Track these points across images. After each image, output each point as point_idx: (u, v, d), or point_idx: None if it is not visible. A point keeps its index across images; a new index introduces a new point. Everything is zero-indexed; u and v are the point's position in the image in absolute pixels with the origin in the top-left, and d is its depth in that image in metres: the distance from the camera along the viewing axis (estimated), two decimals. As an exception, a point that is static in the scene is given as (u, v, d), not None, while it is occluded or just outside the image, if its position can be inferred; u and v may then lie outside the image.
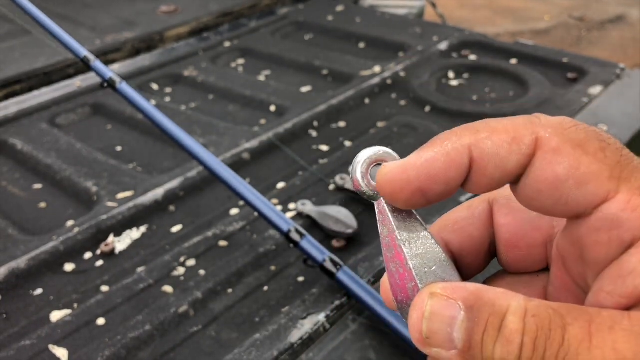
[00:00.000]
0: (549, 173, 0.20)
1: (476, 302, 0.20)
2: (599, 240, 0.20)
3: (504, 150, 0.21)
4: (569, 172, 0.20)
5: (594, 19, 3.43)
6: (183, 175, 0.81)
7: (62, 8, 1.36)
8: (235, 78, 1.12)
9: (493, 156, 0.21)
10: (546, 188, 0.21)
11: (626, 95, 0.98)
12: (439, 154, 0.22)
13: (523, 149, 0.21)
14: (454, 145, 0.21)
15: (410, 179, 0.22)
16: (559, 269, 0.24)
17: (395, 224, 0.23)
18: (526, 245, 0.25)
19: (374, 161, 0.23)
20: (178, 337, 0.58)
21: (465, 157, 0.21)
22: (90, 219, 0.73)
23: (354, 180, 0.23)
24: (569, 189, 0.20)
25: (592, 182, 0.20)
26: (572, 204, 0.21)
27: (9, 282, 0.65)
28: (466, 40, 1.20)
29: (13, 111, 1.00)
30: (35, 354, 0.57)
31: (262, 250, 0.68)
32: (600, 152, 0.20)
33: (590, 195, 0.20)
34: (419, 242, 0.23)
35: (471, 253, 0.26)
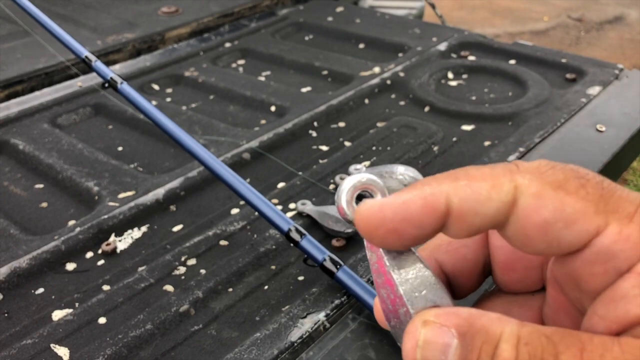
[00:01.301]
0: (536, 218, 0.21)
1: (469, 329, 0.20)
2: (594, 272, 0.21)
3: (483, 198, 0.21)
4: (555, 215, 0.20)
5: (592, 19, 3.43)
6: (184, 175, 0.81)
7: (63, 9, 1.37)
8: (235, 78, 1.12)
9: (472, 203, 0.21)
10: (535, 233, 0.21)
11: (625, 96, 0.99)
12: (416, 197, 0.22)
13: (502, 196, 0.21)
14: (433, 190, 0.22)
15: (385, 219, 0.22)
16: (555, 291, 0.24)
17: (383, 250, 0.23)
18: (522, 268, 0.25)
19: (359, 189, 0.23)
20: (179, 336, 0.59)
21: (442, 203, 0.21)
22: (91, 218, 0.73)
23: (339, 207, 0.23)
24: (558, 230, 0.20)
25: (580, 220, 0.20)
26: (564, 244, 0.21)
27: (11, 282, 0.66)
28: (465, 41, 1.21)
29: (14, 111, 1.01)
30: (36, 353, 0.57)
31: (262, 250, 0.68)
32: (581, 189, 0.20)
33: (581, 233, 0.20)
34: (408, 267, 0.22)
35: (465, 274, 0.26)
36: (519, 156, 0.83)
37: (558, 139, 0.87)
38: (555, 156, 0.84)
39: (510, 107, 0.96)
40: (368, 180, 0.23)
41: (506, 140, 0.87)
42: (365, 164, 0.83)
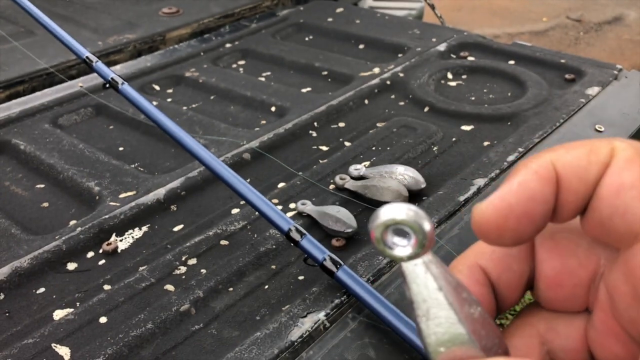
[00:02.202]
0: (615, 179, 0.20)
1: None
2: None
3: (584, 161, 0.20)
4: (634, 182, 0.19)
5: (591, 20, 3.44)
6: (184, 175, 0.81)
7: (64, 10, 1.37)
8: (236, 79, 1.12)
9: (575, 168, 0.20)
10: (608, 195, 0.20)
11: (623, 96, 0.99)
12: (529, 174, 0.21)
13: (601, 157, 0.20)
14: (538, 163, 0.21)
15: (511, 206, 0.21)
16: (604, 313, 0.22)
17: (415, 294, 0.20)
18: (570, 284, 0.23)
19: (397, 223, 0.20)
20: (179, 335, 0.59)
21: (552, 171, 0.21)
22: (92, 218, 0.74)
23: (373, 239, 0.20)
24: (630, 198, 0.19)
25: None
26: (629, 216, 0.19)
27: (12, 281, 0.66)
28: (464, 41, 1.21)
29: (16, 111, 1.01)
30: (37, 352, 0.57)
31: (262, 249, 0.68)
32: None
33: None
34: (439, 319, 0.20)
35: (508, 285, 0.24)
36: (518, 156, 0.83)
37: (557, 139, 0.88)
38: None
39: (510, 107, 0.96)
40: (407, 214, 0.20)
41: (505, 140, 0.87)
42: (365, 164, 0.84)
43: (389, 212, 0.20)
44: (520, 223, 0.21)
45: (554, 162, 0.21)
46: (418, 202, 0.75)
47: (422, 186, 0.76)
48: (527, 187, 0.21)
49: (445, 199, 0.74)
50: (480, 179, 0.78)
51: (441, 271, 0.21)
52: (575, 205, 0.21)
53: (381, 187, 0.74)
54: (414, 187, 0.76)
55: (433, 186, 0.78)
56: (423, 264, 0.20)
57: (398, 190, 0.74)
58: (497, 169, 0.80)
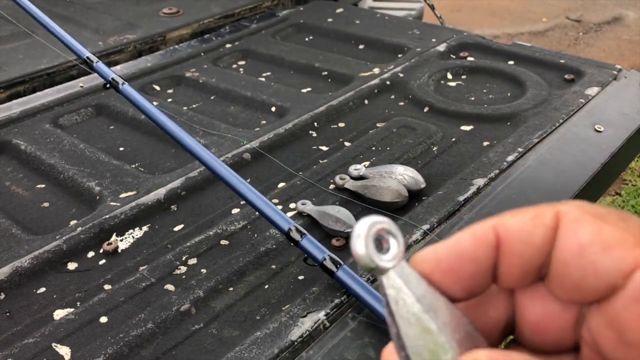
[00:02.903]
0: (573, 240, 0.20)
1: None
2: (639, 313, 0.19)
3: (528, 225, 0.21)
4: (592, 238, 0.20)
5: (591, 20, 3.44)
6: (185, 175, 0.81)
7: (65, 10, 1.37)
8: (236, 79, 1.12)
9: (518, 231, 0.21)
10: (572, 257, 0.20)
11: (623, 96, 0.99)
12: (466, 234, 0.22)
13: (546, 221, 0.21)
14: (479, 226, 0.22)
15: (440, 259, 0.22)
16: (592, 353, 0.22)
17: (392, 306, 0.21)
18: (556, 329, 0.22)
19: (374, 235, 0.21)
20: (180, 335, 0.59)
21: (491, 235, 0.21)
22: (93, 218, 0.74)
23: (355, 255, 0.21)
24: (595, 254, 0.20)
25: (618, 248, 0.19)
26: (600, 272, 0.19)
27: (13, 281, 0.66)
28: (464, 41, 1.21)
29: (17, 112, 1.01)
30: (38, 352, 0.57)
31: (262, 249, 0.68)
32: (621, 222, 0.20)
33: (619, 262, 0.19)
34: (419, 330, 0.21)
35: (484, 331, 0.24)
36: (517, 156, 0.83)
37: (556, 139, 0.88)
38: (553, 156, 0.84)
39: (509, 107, 0.97)
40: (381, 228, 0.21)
41: (505, 140, 0.87)
42: (365, 164, 0.84)
43: (371, 227, 0.21)
44: (445, 278, 0.22)
45: (496, 226, 0.21)
46: (418, 202, 0.75)
47: (422, 186, 0.76)
48: (459, 246, 0.22)
49: (444, 199, 0.74)
50: (480, 179, 0.78)
51: (419, 277, 0.21)
52: (521, 269, 0.21)
53: (381, 187, 0.74)
54: (414, 187, 0.76)
55: (433, 186, 0.78)
56: (400, 269, 0.21)
57: (398, 190, 0.74)
58: (496, 169, 0.80)
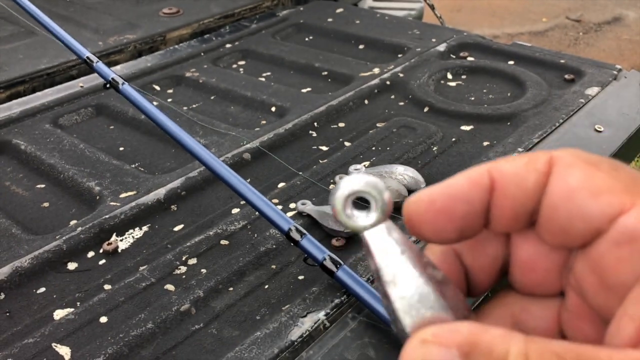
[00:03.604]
0: (563, 184, 0.21)
1: (472, 349, 0.19)
2: (621, 256, 0.19)
3: (522, 170, 0.21)
4: (582, 183, 0.20)
5: (591, 20, 3.44)
6: (185, 175, 0.81)
7: (65, 10, 1.37)
8: (236, 79, 1.12)
9: (512, 175, 0.22)
10: (560, 201, 0.21)
11: (623, 97, 0.99)
12: (460, 177, 0.22)
13: (539, 166, 0.21)
14: (475, 169, 0.22)
15: (434, 200, 0.22)
16: (576, 296, 0.23)
17: (379, 261, 0.21)
18: (543, 270, 0.23)
19: (356, 193, 0.22)
20: (180, 335, 0.59)
21: (486, 177, 0.22)
22: (93, 218, 0.74)
23: (334, 211, 0.22)
24: (582, 199, 0.20)
25: (606, 194, 0.20)
26: (587, 216, 0.20)
27: (13, 281, 0.66)
28: (464, 41, 1.21)
29: (17, 112, 1.01)
30: (38, 352, 0.57)
31: (262, 249, 0.69)
32: (613, 170, 0.20)
33: (605, 206, 0.20)
34: (406, 281, 0.21)
35: (482, 269, 0.24)
36: (517, 156, 0.83)
37: (556, 139, 0.88)
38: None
39: (509, 107, 0.97)
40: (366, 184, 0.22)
41: (505, 140, 0.87)
42: (365, 164, 0.84)
43: (348, 184, 0.21)
44: (438, 218, 0.22)
45: (490, 170, 0.22)
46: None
47: (422, 186, 0.76)
48: (453, 187, 0.22)
49: (445, 199, 0.74)
50: (480, 179, 0.78)
51: (401, 237, 0.22)
52: (513, 212, 0.22)
53: (381, 187, 0.74)
54: (414, 187, 0.76)
55: (433, 186, 0.78)
56: (385, 230, 0.22)
57: (398, 190, 0.74)
58: (496, 169, 0.80)
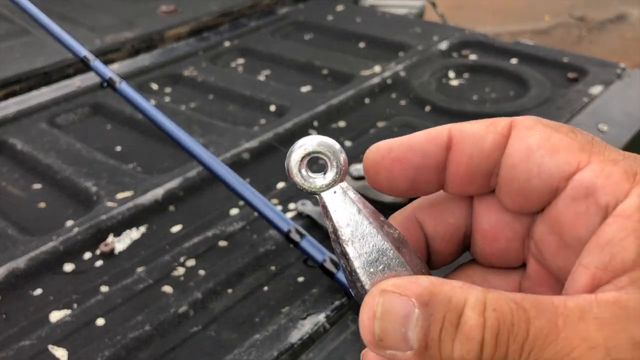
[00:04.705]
0: (522, 144, 0.21)
1: (431, 299, 0.19)
2: (577, 210, 0.20)
3: (481, 131, 0.22)
4: (540, 143, 0.21)
5: (594, 18, 3.43)
6: (183, 175, 0.81)
7: (62, 8, 1.36)
8: (235, 78, 1.12)
9: (470, 135, 0.22)
10: (519, 160, 0.21)
11: (627, 95, 0.98)
12: (421, 132, 0.23)
13: (499, 129, 0.22)
14: (436, 127, 0.23)
15: (392, 149, 0.23)
16: (536, 263, 0.23)
17: (337, 220, 0.22)
18: (505, 238, 0.24)
19: (311, 153, 0.22)
20: (178, 338, 0.58)
21: (444, 135, 0.22)
22: (89, 219, 0.73)
23: (290, 172, 0.22)
24: (541, 157, 0.21)
25: (563, 152, 0.21)
26: (545, 174, 0.21)
27: (9, 282, 0.65)
28: (466, 40, 1.20)
29: (12, 111, 1.00)
30: (34, 354, 0.57)
31: (262, 251, 0.68)
32: (571, 132, 0.21)
33: (563, 164, 0.20)
34: (364, 239, 0.21)
35: (444, 239, 0.25)
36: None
37: (560, 138, 0.87)
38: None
39: (512, 106, 0.96)
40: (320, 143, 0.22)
41: (507, 139, 0.87)
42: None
43: (302, 145, 0.22)
44: (394, 166, 0.23)
45: (451, 128, 0.23)
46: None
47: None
48: (411, 139, 0.23)
49: (446, 199, 0.74)
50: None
51: (358, 197, 0.22)
52: (468, 170, 0.22)
53: (382, 187, 0.73)
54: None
55: (434, 186, 0.77)
56: (341, 190, 0.22)
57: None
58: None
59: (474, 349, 0.18)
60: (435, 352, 0.19)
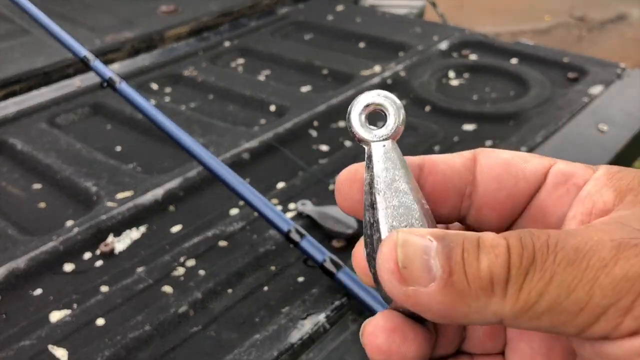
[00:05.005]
0: (496, 160, 0.24)
1: (446, 233, 0.19)
2: (559, 194, 0.23)
3: (449, 157, 0.24)
4: (512, 155, 0.24)
5: (594, 18, 3.43)
6: (183, 175, 0.81)
7: (62, 7, 1.36)
8: (235, 78, 1.12)
9: (441, 158, 0.24)
10: (502, 170, 0.24)
11: (627, 95, 0.98)
12: None
13: (465, 154, 0.25)
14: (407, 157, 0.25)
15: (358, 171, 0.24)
16: None
17: (377, 170, 0.23)
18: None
19: (371, 105, 0.23)
20: (178, 338, 0.58)
21: (416, 160, 0.24)
22: (89, 219, 0.73)
23: (349, 124, 0.23)
24: (518, 164, 0.24)
25: (534, 159, 0.24)
26: (528, 175, 0.23)
27: (9, 282, 0.65)
28: (466, 40, 1.20)
29: (12, 111, 1.00)
30: (34, 354, 0.57)
31: (262, 251, 0.68)
32: (528, 155, 0.25)
33: (538, 165, 0.24)
34: (397, 194, 0.22)
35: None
36: (520, 156, 0.82)
37: (560, 138, 0.87)
38: (557, 156, 0.83)
39: (512, 106, 0.96)
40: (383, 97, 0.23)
41: (508, 139, 0.87)
42: (366, 163, 0.83)
43: (369, 94, 0.23)
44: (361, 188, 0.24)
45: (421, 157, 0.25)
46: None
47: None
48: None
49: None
50: (482, 179, 0.77)
51: (402, 158, 0.24)
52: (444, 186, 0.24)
53: (382, 187, 0.73)
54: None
55: (434, 186, 0.77)
56: (391, 145, 0.23)
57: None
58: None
59: (501, 253, 0.18)
60: (460, 276, 0.18)
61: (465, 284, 0.18)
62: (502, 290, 0.18)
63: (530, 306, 0.18)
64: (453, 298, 0.18)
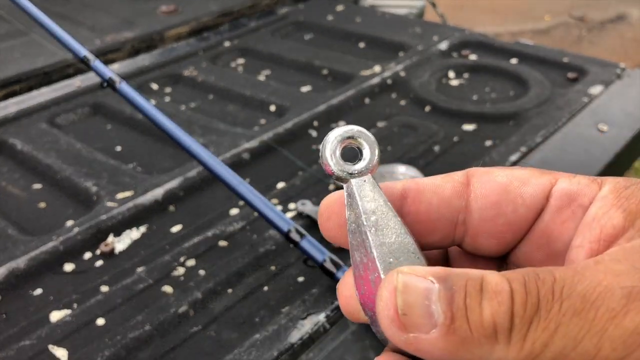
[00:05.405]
0: (492, 184, 0.22)
1: (448, 274, 0.18)
2: (564, 217, 0.22)
3: (438, 181, 0.23)
4: (509, 177, 0.22)
5: (594, 18, 3.43)
6: (183, 175, 0.81)
7: (62, 8, 1.36)
8: (235, 78, 1.12)
9: (428, 184, 0.23)
10: (499, 197, 0.22)
11: (626, 95, 0.98)
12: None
13: (455, 178, 0.23)
14: (387, 182, 0.23)
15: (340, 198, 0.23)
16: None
17: (363, 208, 0.22)
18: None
19: (349, 138, 0.23)
20: (178, 337, 0.58)
21: (398, 187, 0.23)
22: (89, 219, 0.73)
23: (324, 162, 0.23)
24: (517, 187, 0.22)
25: (532, 179, 0.22)
26: (527, 200, 0.22)
27: (9, 282, 0.65)
28: (466, 40, 1.20)
29: (13, 111, 1.00)
30: (35, 354, 0.57)
31: (262, 250, 0.68)
32: (523, 168, 0.23)
33: (538, 186, 0.22)
34: (387, 229, 0.21)
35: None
36: (520, 156, 0.82)
37: (560, 138, 0.87)
38: (557, 156, 0.83)
39: (512, 106, 0.96)
40: (356, 131, 0.22)
41: (508, 139, 0.87)
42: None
43: (341, 130, 0.22)
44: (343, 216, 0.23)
45: (403, 182, 0.23)
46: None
47: (424, 186, 0.75)
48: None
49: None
50: (482, 179, 0.77)
51: (383, 191, 0.23)
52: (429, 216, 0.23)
53: (382, 187, 0.73)
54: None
55: (434, 186, 0.77)
56: (371, 179, 0.22)
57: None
58: (499, 168, 0.79)
59: (504, 301, 0.17)
60: (462, 323, 0.18)
61: (468, 331, 0.18)
62: (506, 338, 0.17)
63: (535, 356, 0.17)
64: (455, 345, 0.18)
